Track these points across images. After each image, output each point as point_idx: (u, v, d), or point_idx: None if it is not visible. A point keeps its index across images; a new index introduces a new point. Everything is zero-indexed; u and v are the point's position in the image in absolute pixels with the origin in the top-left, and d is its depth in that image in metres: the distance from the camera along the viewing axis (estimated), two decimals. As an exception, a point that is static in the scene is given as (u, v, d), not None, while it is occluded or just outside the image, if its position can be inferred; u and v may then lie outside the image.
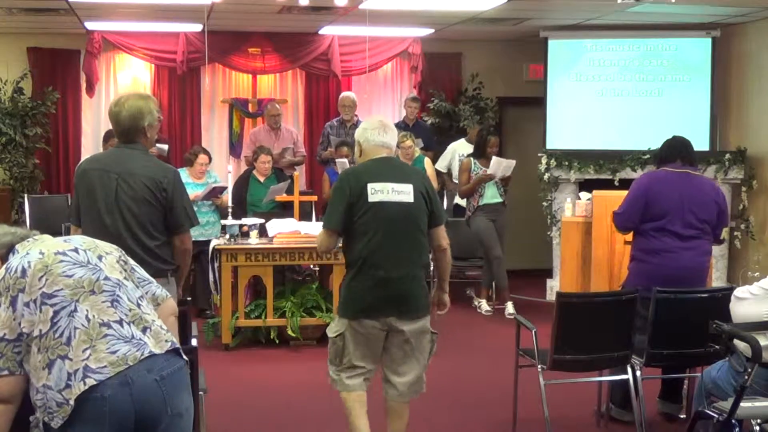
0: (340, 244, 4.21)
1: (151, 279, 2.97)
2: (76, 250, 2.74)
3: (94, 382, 2.54)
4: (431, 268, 5.00)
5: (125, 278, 2.79)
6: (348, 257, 4.15)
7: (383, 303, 4.04)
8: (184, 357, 2.82)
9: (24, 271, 2.65)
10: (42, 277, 2.64)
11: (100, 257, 2.77)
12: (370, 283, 4.02)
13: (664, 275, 4.83)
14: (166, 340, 2.74)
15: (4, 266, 2.71)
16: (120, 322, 2.66)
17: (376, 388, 4.23)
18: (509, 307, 7.92)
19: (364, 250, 4.02)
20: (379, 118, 4.38)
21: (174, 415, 2.66)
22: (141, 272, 2.93)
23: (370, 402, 4.18)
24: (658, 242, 4.94)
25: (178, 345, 2.79)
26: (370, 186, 4.02)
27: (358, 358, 4.12)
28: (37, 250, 2.71)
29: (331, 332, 4.19)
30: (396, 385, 4.15)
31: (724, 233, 8.44)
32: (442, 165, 9.03)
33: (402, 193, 4.04)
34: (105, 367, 2.56)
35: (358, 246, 4.04)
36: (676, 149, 5.11)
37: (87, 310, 2.63)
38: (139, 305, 2.75)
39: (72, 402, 2.53)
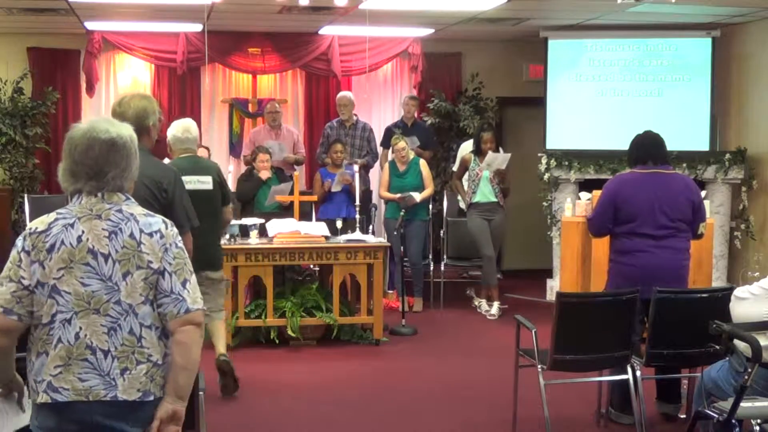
0: None
1: (177, 293, 2.63)
2: (107, 258, 2.59)
3: (50, 401, 2.57)
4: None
5: (143, 301, 2.61)
6: None
7: (200, 261, 5.05)
8: (154, 414, 2.60)
9: (52, 247, 2.58)
10: (61, 269, 2.57)
11: (125, 274, 2.60)
12: (191, 248, 4.90)
13: (640, 275, 4.81)
14: (139, 390, 2.58)
15: (40, 225, 2.63)
16: (106, 353, 2.58)
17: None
18: (494, 308, 7.91)
19: None
20: (183, 123, 5.50)
21: None
22: (172, 282, 2.63)
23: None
24: (631, 243, 4.92)
25: (154, 398, 2.60)
26: (183, 179, 4.90)
27: None
28: (81, 229, 2.61)
29: None
30: (217, 314, 5.58)
31: (725, 233, 8.54)
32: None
33: (205, 183, 5.36)
34: (68, 390, 2.57)
35: None
36: (646, 148, 5.05)
37: (80, 328, 2.57)
38: (140, 339, 2.60)
39: (37, 400, 2.60)
